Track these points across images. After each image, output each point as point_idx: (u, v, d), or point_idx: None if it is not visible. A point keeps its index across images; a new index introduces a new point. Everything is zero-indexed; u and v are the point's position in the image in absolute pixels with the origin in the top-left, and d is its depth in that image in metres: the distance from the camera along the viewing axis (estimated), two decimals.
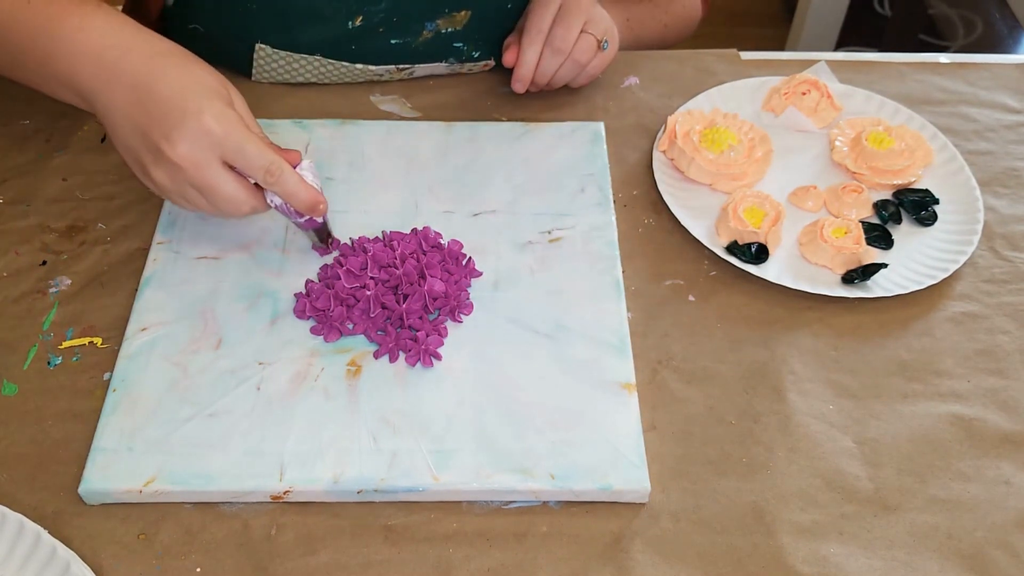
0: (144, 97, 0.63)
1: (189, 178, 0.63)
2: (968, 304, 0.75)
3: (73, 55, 0.64)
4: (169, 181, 0.64)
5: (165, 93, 0.62)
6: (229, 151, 0.63)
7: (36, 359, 0.67)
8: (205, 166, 0.63)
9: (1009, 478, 0.65)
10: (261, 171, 0.64)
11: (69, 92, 0.66)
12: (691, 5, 1.03)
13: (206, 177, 0.63)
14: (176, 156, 0.62)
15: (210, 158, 0.63)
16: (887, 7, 2.20)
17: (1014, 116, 0.91)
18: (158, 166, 0.64)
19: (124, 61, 0.63)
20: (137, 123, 0.63)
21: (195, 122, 0.62)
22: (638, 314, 0.72)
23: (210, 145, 0.62)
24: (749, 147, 0.81)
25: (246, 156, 0.63)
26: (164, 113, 0.62)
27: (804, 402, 0.68)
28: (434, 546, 0.59)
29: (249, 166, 0.64)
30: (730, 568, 0.59)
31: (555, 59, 0.82)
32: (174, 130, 0.62)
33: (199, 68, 0.65)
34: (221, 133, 0.62)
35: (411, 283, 0.69)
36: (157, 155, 0.63)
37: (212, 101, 0.63)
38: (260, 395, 0.64)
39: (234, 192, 0.64)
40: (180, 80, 0.63)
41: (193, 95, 0.63)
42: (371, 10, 0.82)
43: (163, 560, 0.58)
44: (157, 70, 0.63)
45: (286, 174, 0.64)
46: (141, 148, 0.64)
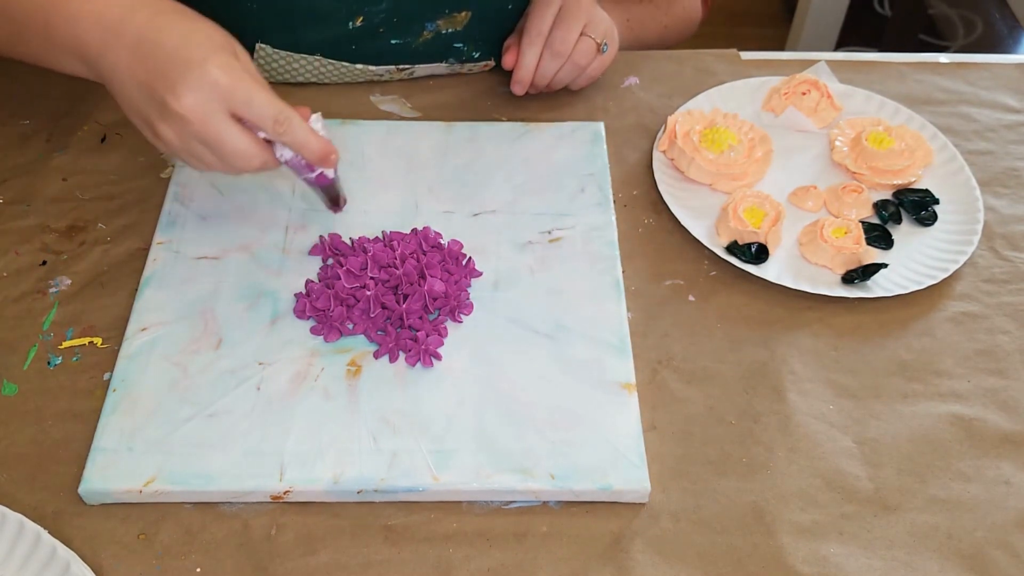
0: (148, 52, 0.62)
1: (196, 132, 0.62)
2: (968, 304, 0.75)
3: (76, 19, 0.63)
4: (176, 137, 0.63)
5: (169, 46, 0.61)
6: (237, 102, 0.62)
7: (36, 359, 0.67)
8: (212, 118, 0.62)
9: (1009, 478, 0.65)
10: (270, 121, 0.63)
11: (74, 59, 0.65)
12: (691, 7, 1.03)
13: (213, 130, 0.62)
14: (182, 108, 0.61)
15: (217, 110, 0.62)
16: (887, 7, 2.20)
17: (1014, 116, 0.91)
18: (164, 121, 0.62)
19: (128, 20, 0.62)
20: (142, 80, 0.62)
21: (200, 73, 0.61)
22: (638, 314, 0.72)
23: (217, 96, 0.61)
24: (749, 147, 0.81)
25: (253, 106, 0.62)
26: (168, 66, 0.61)
27: (804, 402, 0.68)
28: (434, 546, 0.59)
29: (257, 116, 0.63)
30: (730, 568, 0.59)
31: (555, 61, 0.82)
32: (179, 82, 0.61)
33: (204, 23, 0.64)
34: (227, 83, 0.61)
35: (411, 283, 0.69)
36: (163, 109, 0.62)
37: (217, 53, 0.62)
38: (260, 395, 0.64)
39: (243, 145, 0.63)
40: (184, 33, 0.62)
41: (198, 47, 0.62)
42: (372, 10, 0.82)
43: (163, 560, 0.58)
44: (161, 25, 0.62)
45: (295, 123, 0.63)
46: (147, 104, 0.63)
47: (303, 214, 0.75)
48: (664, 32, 1.01)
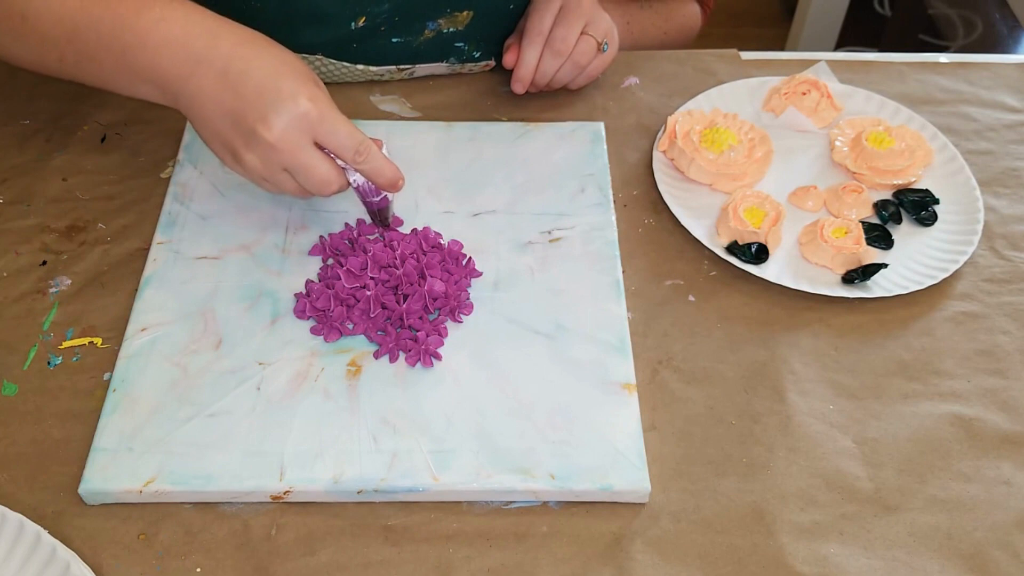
0: (236, 81, 0.63)
1: (283, 160, 0.64)
2: (968, 304, 0.75)
3: (157, 45, 0.64)
4: (261, 164, 0.65)
5: (258, 76, 0.63)
6: (322, 132, 0.64)
7: (36, 359, 0.67)
8: (300, 147, 0.64)
9: (1009, 478, 0.65)
10: (351, 152, 0.65)
11: (148, 85, 0.66)
12: (691, 16, 1.03)
13: (300, 158, 0.64)
14: (272, 138, 0.63)
15: (305, 140, 0.64)
16: (887, 7, 2.20)
17: (1014, 115, 0.91)
18: (251, 149, 0.64)
19: (212, 48, 0.64)
20: (229, 108, 0.63)
21: (291, 104, 0.63)
22: (638, 314, 0.72)
23: (305, 127, 0.63)
24: (749, 147, 0.81)
25: (338, 136, 0.64)
26: (258, 96, 0.63)
27: (804, 402, 0.68)
28: (434, 546, 0.59)
29: (340, 146, 0.65)
30: (730, 568, 0.59)
31: (555, 60, 0.82)
32: (270, 112, 0.62)
33: (286, 53, 0.66)
34: (316, 114, 0.63)
35: (411, 283, 0.69)
36: (250, 138, 0.63)
37: (305, 83, 0.64)
38: (260, 395, 0.64)
39: (326, 173, 0.65)
40: (272, 63, 0.64)
41: (286, 78, 0.63)
42: (374, 11, 0.82)
43: (163, 560, 0.58)
44: (247, 55, 0.64)
45: (373, 153, 0.66)
46: (232, 133, 0.64)
47: (303, 214, 0.75)
48: (664, 38, 1.01)
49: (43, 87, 0.86)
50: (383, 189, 0.69)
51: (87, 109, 0.85)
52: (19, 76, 0.87)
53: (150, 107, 0.84)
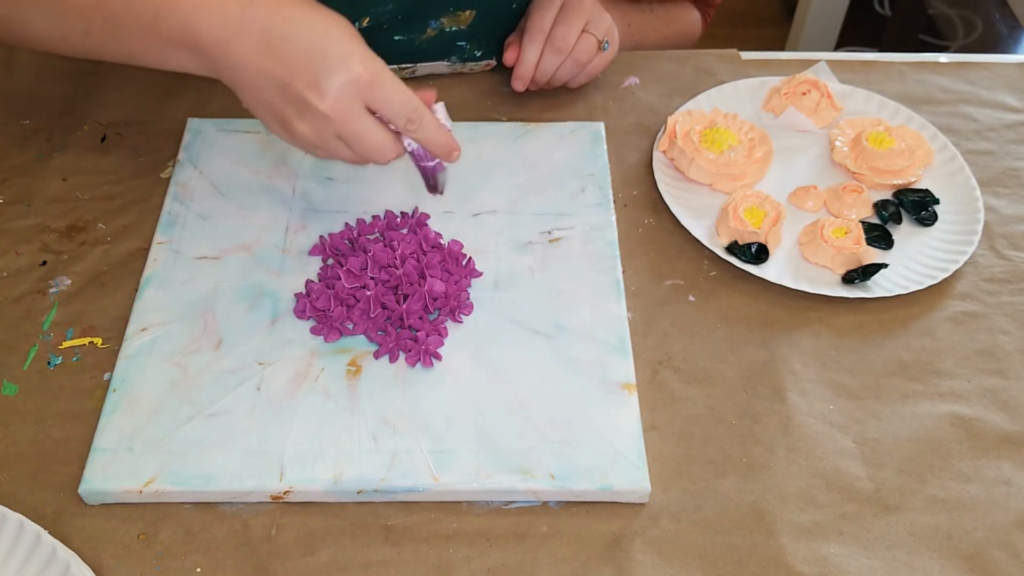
0: (281, 46, 0.59)
1: (337, 128, 0.61)
2: (969, 304, 0.75)
3: (192, 9, 0.60)
4: (313, 133, 0.62)
5: (304, 40, 0.59)
6: (375, 97, 0.61)
7: (36, 359, 0.67)
8: (353, 114, 0.61)
9: (1009, 478, 0.65)
10: (403, 119, 0.62)
11: (185, 53, 0.62)
12: (691, 22, 1.03)
13: (354, 126, 0.61)
14: (325, 106, 0.60)
15: (358, 106, 0.61)
16: (887, 7, 2.20)
17: (1014, 115, 0.91)
18: (303, 118, 0.61)
19: (250, 11, 0.60)
20: (275, 75, 0.60)
21: (342, 68, 0.59)
22: (638, 314, 0.72)
23: (358, 92, 0.60)
24: (749, 147, 0.81)
25: (391, 102, 0.61)
26: (306, 61, 0.59)
27: (804, 402, 0.68)
28: (434, 546, 0.59)
29: (393, 113, 0.62)
30: (730, 568, 0.59)
31: (555, 58, 0.83)
32: (321, 78, 0.59)
33: (329, 12, 0.62)
34: (369, 78, 0.60)
35: (411, 283, 0.69)
36: (301, 106, 0.60)
37: (354, 44, 0.60)
38: (260, 395, 0.64)
39: (381, 140, 0.63)
40: (316, 24, 0.60)
41: (334, 40, 0.60)
42: (378, 11, 0.82)
43: (163, 560, 0.58)
44: (290, 17, 0.60)
45: (426, 120, 0.63)
46: (281, 101, 0.61)
47: (303, 214, 0.75)
48: (664, 43, 1.01)
49: (43, 87, 0.86)
50: (437, 156, 0.67)
51: (87, 109, 0.85)
52: (19, 76, 0.87)
53: (150, 107, 0.85)
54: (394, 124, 0.63)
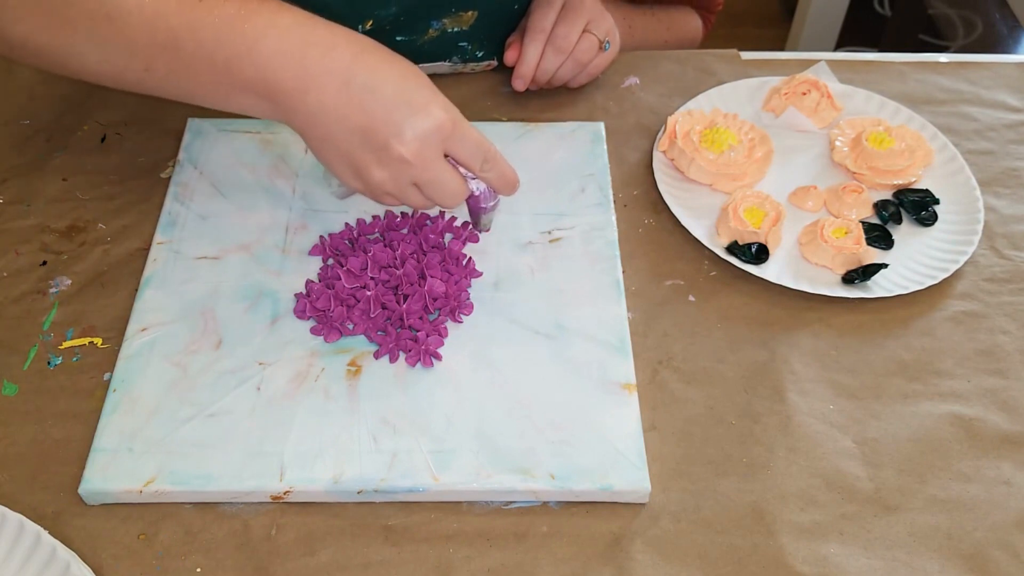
0: (362, 95, 0.59)
1: (415, 175, 0.61)
2: (969, 303, 0.75)
3: (270, 55, 0.58)
4: (391, 180, 0.61)
5: (386, 89, 0.59)
6: (454, 143, 0.61)
7: (36, 359, 0.67)
8: (434, 161, 0.61)
9: (1009, 478, 0.65)
10: (479, 162, 0.63)
11: (253, 97, 0.60)
12: (692, 28, 1.03)
13: (433, 173, 0.61)
14: (408, 153, 0.59)
15: (438, 152, 0.61)
16: (887, 7, 2.20)
17: (1015, 115, 0.91)
18: (382, 165, 0.60)
19: (330, 58, 0.59)
20: (357, 123, 0.59)
21: (425, 116, 0.59)
22: (638, 314, 0.72)
23: (439, 139, 0.60)
24: (749, 147, 0.81)
25: (467, 147, 0.62)
26: (389, 110, 0.59)
27: (804, 402, 0.68)
28: (434, 546, 0.59)
29: (470, 157, 0.62)
30: (730, 568, 0.59)
31: (556, 58, 0.83)
32: (405, 126, 0.59)
33: (404, 61, 0.62)
34: (451, 125, 0.60)
35: (411, 283, 0.69)
36: (383, 154, 0.60)
37: (433, 91, 0.61)
38: (260, 395, 0.64)
39: (457, 185, 0.63)
40: (396, 73, 0.60)
41: (414, 88, 0.60)
42: (381, 14, 0.82)
43: (163, 560, 0.58)
44: (370, 65, 0.60)
45: (499, 159, 0.64)
46: (361, 149, 0.60)
47: (303, 214, 0.75)
48: (663, 47, 1.01)
49: (43, 87, 0.86)
50: (501, 193, 0.67)
51: (87, 109, 0.85)
52: (19, 76, 0.87)
53: (150, 107, 0.85)
54: (469, 168, 0.63)
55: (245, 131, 0.81)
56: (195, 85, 0.61)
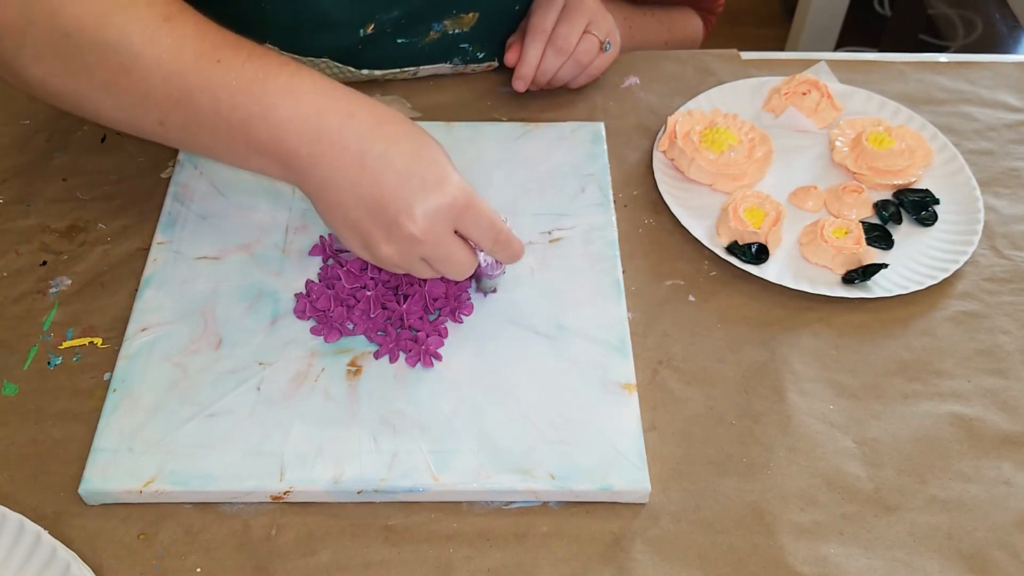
0: (376, 167, 0.57)
1: (425, 251, 0.59)
2: (969, 303, 0.75)
3: (285, 120, 0.57)
4: (399, 255, 0.60)
5: (401, 162, 0.58)
6: (466, 221, 0.60)
7: (36, 359, 0.67)
8: (443, 237, 0.59)
9: (1009, 478, 0.65)
10: (491, 241, 0.62)
11: (266, 159, 0.59)
12: (693, 29, 1.03)
13: (443, 250, 0.60)
14: (418, 230, 0.58)
15: (448, 229, 0.60)
16: (887, 7, 2.20)
17: (1015, 115, 0.91)
18: (391, 241, 0.59)
19: (347, 128, 0.58)
20: (368, 196, 0.58)
21: (438, 193, 0.58)
22: (638, 314, 0.72)
23: (451, 217, 0.59)
24: (749, 147, 0.81)
25: (480, 226, 0.60)
26: (402, 184, 0.57)
27: (804, 402, 0.68)
28: (434, 546, 0.59)
29: (482, 236, 0.61)
30: (730, 568, 0.59)
31: (557, 59, 0.83)
32: (416, 204, 0.57)
33: (423, 133, 0.61)
34: (464, 203, 0.59)
35: (411, 284, 0.69)
36: (392, 229, 0.58)
37: (448, 168, 0.60)
38: (260, 395, 0.64)
39: (466, 259, 0.62)
40: (412, 147, 0.59)
41: (430, 165, 0.59)
42: (383, 18, 0.82)
43: (163, 560, 0.58)
44: (386, 136, 0.58)
45: (511, 239, 0.63)
46: (370, 223, 0.59)
47: (303, 214, 0.75)
48: (664, 47, 1.02)
49: None
50: (506, 263, 0.66)
51: None
52: None
53: None
54: (480, 246, 0.62)
55: None
56: (210, 142, 0.60)
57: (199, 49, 0.57)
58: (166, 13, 0.58)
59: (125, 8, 0.57)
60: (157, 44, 0.57)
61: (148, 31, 0.57)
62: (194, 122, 0.59)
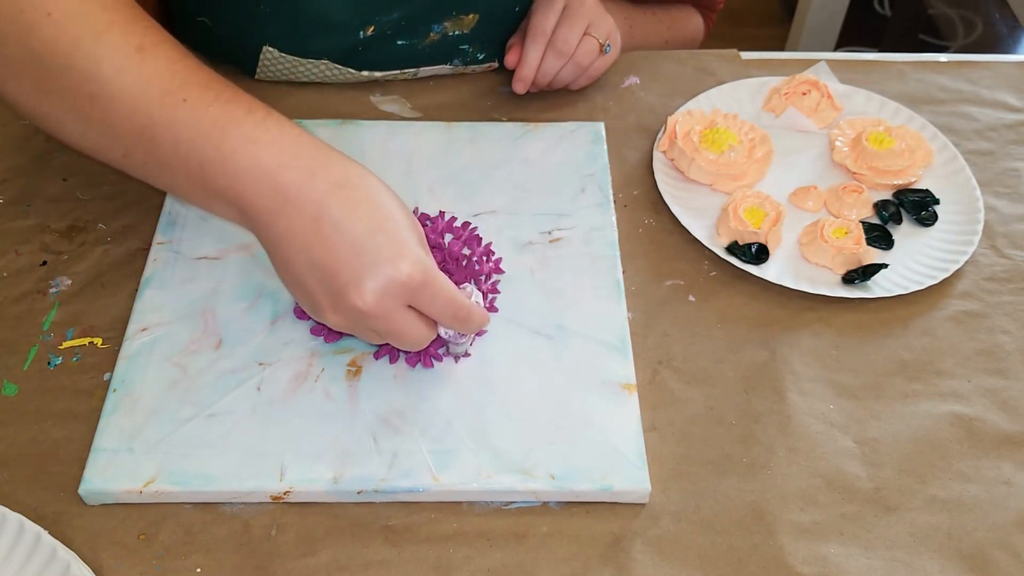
0: (332, 234, 0.54)
1: (374, 324, 0.57)
2: (969, 303, 0.75)
3: (243, 171, 0.55)
4: (346, 325, 0.58)
5: (356, 231, 0.54)
6: (421, 299, 0.57)
7: (36, 359, 0.67)
8: (393, 313, 0.56)
9: (1009, 478, 0.65)
10: (448, 318, 0.58)
11: (225, 207, 0.57)
12: (694, 27, 1.03)
13: (392, 324, 0.57)
14: (365, 305, 0.55)
15: (399, 305, 0.56)
16: (887, 7, 2.20)
17: (1015, 115, 0.91)
18: (338, 311, 0.56)
19: (307, 186, 0.55)
20: (319, 261, 0.55)
21: (392, 271, 0.55)
22: (638, 314, 0.72)
23: (403, 294, 0.56)
24: (749, 147, 0.81)
25: (436, 305, 0.57)
26: (355, 256, 0.55)
27: (804, 402, 0.68)
28: (434, 546, 0.59)
29: (438, 314, 0.58)
30: (730, 568, 0.59)
31: (557, 61, 0.83)
32: (365, 278, 0.54)
33: (388, 199, 0.57)
34: (419, 281, 0.56)
35: None
36: (338, 299, 0.56)
37: (409, 245, 0.56)
38: (260, 395, 0.64)
39: (419, 334, 0.59)
40: (372, 216, 0.55)
41: (387, 237, 0.55)
42: (383, 20, 0.82)
43: (163, 560, 0.58)
44: (347, 202, 0.55)
45: (473, 315, 0.59)
46: (318, 288, 0.56)
47: None
48: (664, 47, 1.02)
49: None
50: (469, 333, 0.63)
51: None
52: None
53: None
54: (439, 321, 0.60)
55: None
56: (171, 181, 0.58)
57: (167, 85, 0.55)
58: (140, 44, 0.56)
59: (99, 35, 0.55)
60: (125, 75, 0.55)
61: (118, 61, 0.55)
62: (157, 159, 0.57)
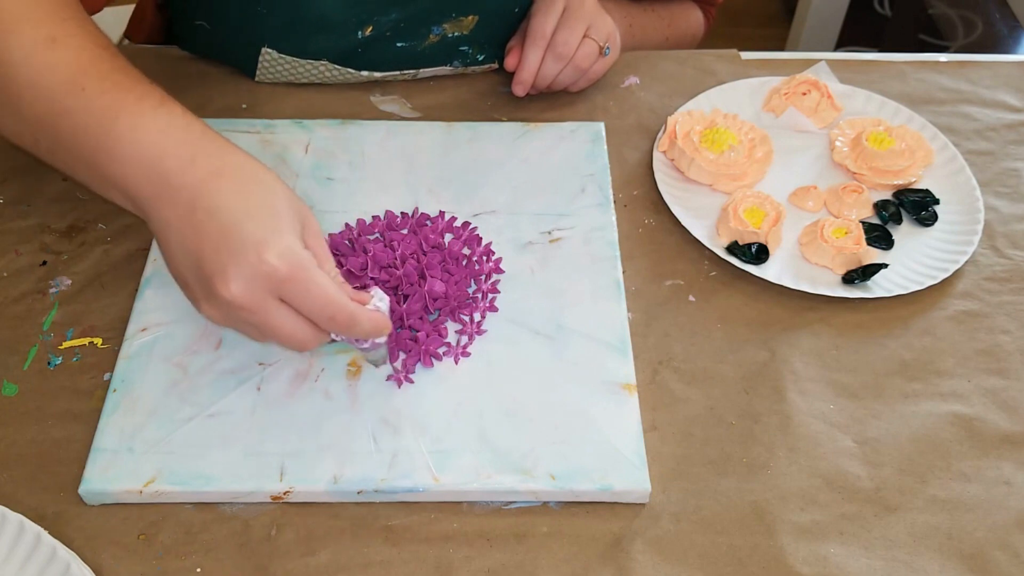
0: (203, 220, 0.54)
1: (247, 318, 0.55)
2: (969, 303, 0.75)
3: (127, 158, 0.55)
4: (221, 318, 0.56)
5: (225, 218, 0.53)
6: (291, 293, 0.54)
7: (36, 359, 0.67)
8: (262, 306, 0.54)
9: (1009, 478, 0.65)
10: (324, 319, 0.55)
11: (119, 195, 0.57)
12: (694, 23, 1.03)
13: (263, 317, 0.55)
14: (230, 295, 0.53)
15: (267, 298, 0.54)
16: (887, 7, 2.20)
17: (1015, 115, 0.91)
18: (209, 302, 0.55)
19: (185, 174, 0.54)
20: (191, 249, 0.54)
21: (255, 258, 0.53)
22: (638, 314, 0.72)
23: (269, 285, 0.54)
24: (749, 147, 0.81)
25: (307, 302, 0.55)
26: (220, 243, 0.53)
27: (804, 402, 0.68)
28: (434, 546, 0.59)
29: (311, 312, 0.55)
30: (731, 568, 0.59)
31: (557, 64, 0.82)
32: (230, 265, 0.53)
33: (270, 189, 0.56)
34: (285, 273, 0.53)
35: (411, 284, 0.69)
36: (208, 289, 0.54)
37: (279, 234, 0.54)
38: (260, 396, 0.64)
39: (296, 331, 0.56)
40: (244, 204, 0.54)
41: (257, 225, 0.54)
42: (382, 20, 0.82)
43: (163, 560, 0.58)
44: (222, 189, 0.54)
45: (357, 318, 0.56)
46: (192, 278, 0.55)
47: None
48: (665, 44, 1.01)
49: None
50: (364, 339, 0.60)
51: None
52: None
53: None
54: (314, 322, 0.56)
55: (245, 131, 0.81)
56: (74, 169, 0.58)
57: (69, 75, 0.56)
58: (52, 35, 0.56)
59: (14, 25, 0.56)
60: (31, 64, 0.56)
61: (26, 49, 0.56)
62: (59, 147, 0.58)
